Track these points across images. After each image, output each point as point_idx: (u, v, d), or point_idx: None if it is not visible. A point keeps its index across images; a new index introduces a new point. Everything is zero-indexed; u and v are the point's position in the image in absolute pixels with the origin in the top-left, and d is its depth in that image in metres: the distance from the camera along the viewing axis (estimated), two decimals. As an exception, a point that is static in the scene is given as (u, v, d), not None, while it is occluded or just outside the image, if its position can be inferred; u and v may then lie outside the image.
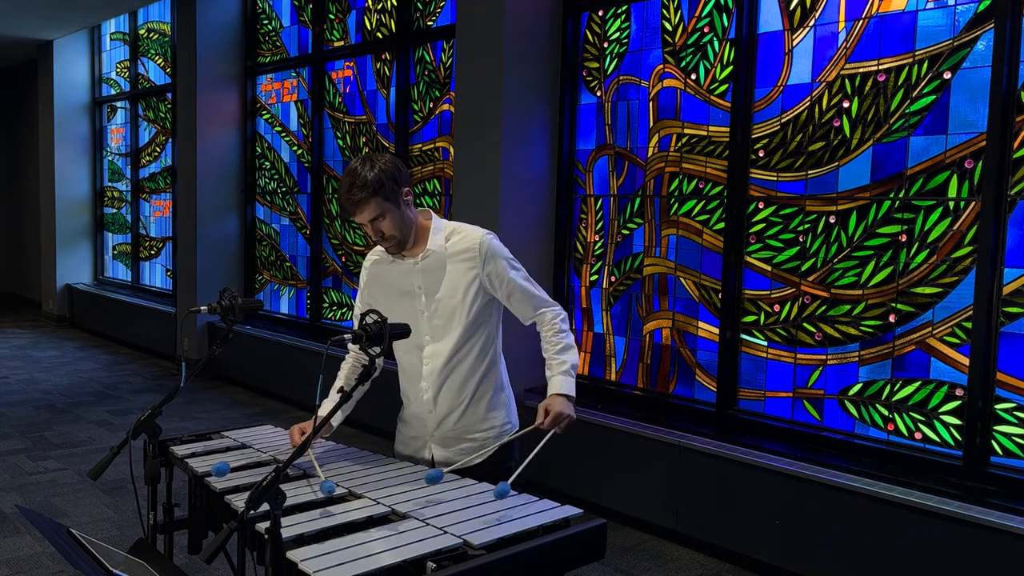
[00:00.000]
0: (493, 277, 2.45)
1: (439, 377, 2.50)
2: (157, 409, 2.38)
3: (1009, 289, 3.35)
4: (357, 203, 2.32)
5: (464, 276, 2.44)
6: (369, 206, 2.32)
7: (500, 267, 2.45)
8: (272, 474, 1.75)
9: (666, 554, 4.04)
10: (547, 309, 2.53)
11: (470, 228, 2.49)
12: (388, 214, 2.35)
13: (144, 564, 1.84)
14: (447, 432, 2.53)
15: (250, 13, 7.71)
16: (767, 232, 4.10)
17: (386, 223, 2.36)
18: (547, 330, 2.53)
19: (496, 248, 2.46)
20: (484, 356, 2.51)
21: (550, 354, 2.51)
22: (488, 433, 2.53)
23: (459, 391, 2.50)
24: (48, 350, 8.98)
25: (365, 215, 2.34)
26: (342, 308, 6.87)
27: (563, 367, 2.47)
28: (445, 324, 2.47)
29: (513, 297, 2.49)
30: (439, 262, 2.45)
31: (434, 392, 2.51)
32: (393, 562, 1.78)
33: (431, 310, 2.47)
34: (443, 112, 5.80)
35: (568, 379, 2.46)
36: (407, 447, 2.64)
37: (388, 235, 2.39)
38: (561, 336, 2.51)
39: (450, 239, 2.47)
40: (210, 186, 7.69)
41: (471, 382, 2.51)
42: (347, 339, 2.04)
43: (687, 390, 4.49)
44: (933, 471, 3.49)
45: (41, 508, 4.47)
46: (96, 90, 10.55)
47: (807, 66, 3.94)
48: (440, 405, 2.52)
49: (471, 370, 2.50)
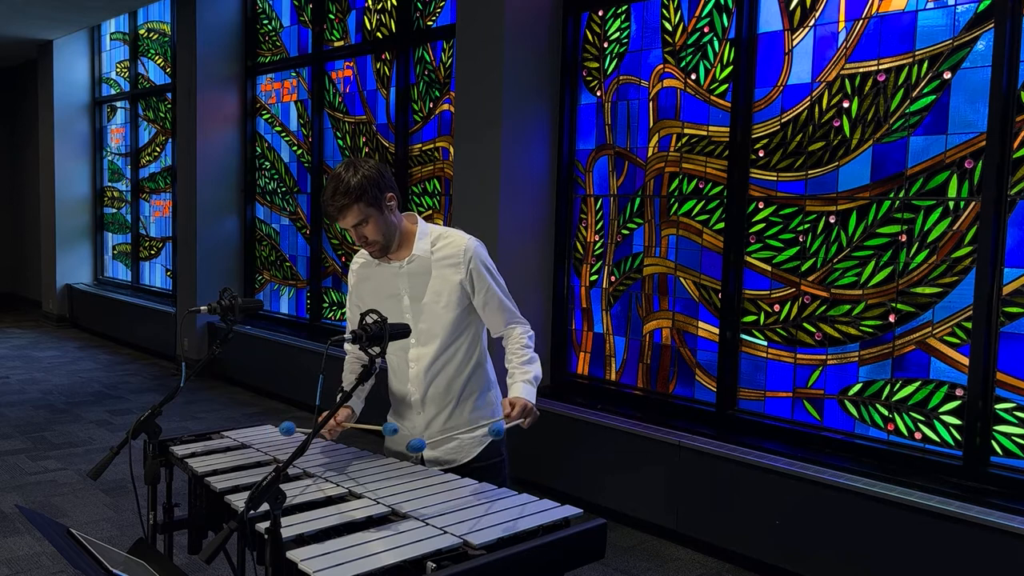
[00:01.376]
0: (475, 283, 2.48)
1: (425, 379, 2.52)
2: (157, 409, 2.38)
3: (1009, 289, 3.35)
4: (340, 209, 2.36)
5: (448, 281, 2.47)
6: (351, 211, 2.36)
7: (481, 275, 2.48)
8: (272, 474, 1.75)
9: (666, 554, 4.04)
10: (517, 324, 2.55)
11: (456, 234, 2.52)
12: (371, 219, 2.38)
13: (144, 564, 1.84)
14: (435, 432, 2.55)
15: (250, 13, 7.71)
16: (767, 232, 4.10)
17: (369, 228, 2.40)
18: (513, 343, 2.54)
19: (480, 256, 2.49)
20: (470, 357, 2.54)
21: (513, 364, 2.50)
22: (476, 433, 2.55)
23: (445, 392, 2.53)
24: (48, 350, 8.99)
25: (348, 220, 2.38)
26: (342, 308, 6.87)
27: (526, 375, 2.46)
28: (430, 328, 2.49)
29: (488, 307, 2.51)
30: (424, 267, 2.48)
31: (421, 394, 2.54)
32: (393, 562, 1.78)
33: (416, 314, 2.50)
34: (443, 112, 5.80)
35: (530, 388, 2.44)
36: (396, 444, 2.65)
37: (371, 240, 2.42)
38: (526, 351, 2.51)
39: (436, 244, 2.49)
40: (210, 186, 7.69)
41: (457, 383, 2.53)
42: (347, 339, 2.04)
43: (687, 390, 4.49)
44: (933, 471, 3.49)
45: (41, 508, 4.47)
46: (96, 90, 10.55)
47: (807, 66, 3.94)
48: (428, 406, 2.55)
49: (457, 371, 2.53)
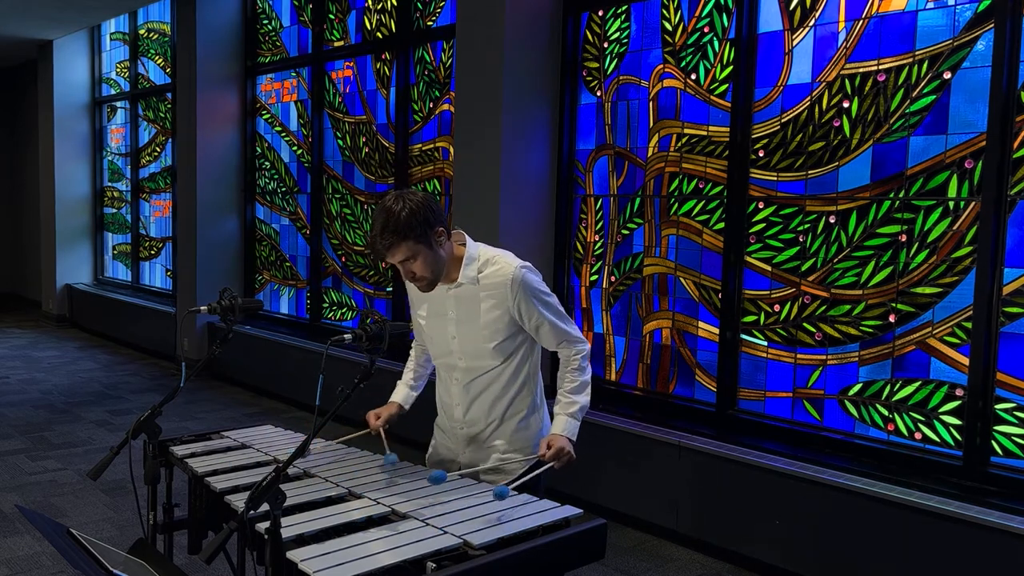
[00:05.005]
0: (522, 311, 2.42)
1: (469, 396, 2.52)
2: (157, 409, 2.38)
3: (1009, 289, 3.35)
4: (388, 246, 2.28)
5: (495, 309, 2.42)
6: (400, 249, 2.28)
7: (529, 302, 2.41)
8: (272, 474, 1.75)
9: (666, 554, 4.04)
10: (569, 344, 2.51)
11: (505, 259, 2.44)
12: (419, 256, 2.30)
13: (144, 564, 1.84)
14: (477, 449, 2.55)
15: (250, 13, 7.71)
16: (767, 232, 4.10)
17: (417, 264, 2.32)
18: (565, 364, 2.53)
19: (528, 282, 2.41)
20: (516, 378, 2.50)
21: (563, 390, 2.50)
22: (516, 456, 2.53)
23: (489, 410, 2.51)
24: (48, 350, 8.98)
25: (396, 257, 2.30)
26: (342, 308, 6.87)
27: (571, 408, 2.46)
28: (475, 350, 2.46)
29: (541, 330, 2.47)
30: (471, 292, 2.43)
31: (464, 409, 2.53)
32: (393, 562, 1.78)
33: (462, 337, 2.47)
34: (443, 112, 5.80)
35: (573, 423, 2.45)
36: (438, 453, 2.68)
37: (419, 275, 2.35)
38: (577, 374, 2.50)
39: (483, 270, 2.42)
40: (210, 186, 7.69)
41: (501, 402, 2.51)
42: (347, 339, 2.04)
43: (687, 390, 4.49)
44: (933, 471, 3.49)
45: (41, 508, 4.47)
46: (96, 90, 10.55)
47: (807, 66, 3.94)
48: (470, 423, 2.54)
49: (502, 391, 2.50)
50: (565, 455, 2.38)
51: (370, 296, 6.56)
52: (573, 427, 2.45)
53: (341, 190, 6.78)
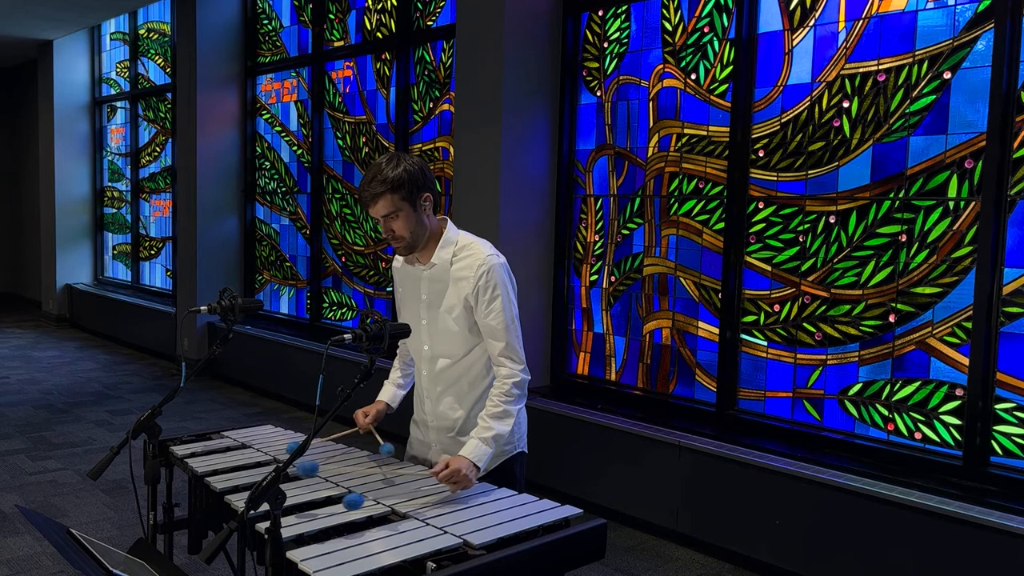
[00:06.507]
0: (480, 297, 2.38)
1: (437, 386, 2.51)
2: (157, 409, 2.38)
3: (1009, 289, 3.35)
4: (374, 196, 2.32)
5: (460, 294, 2.41)
6: (384, 200, 2.31)
7: (491, 292, 2.38)
8: (272, 474, 1.75)
9: (666, 554, 4.04)
10: (510, 361, 2.40)
11: (480, 248, 2.43)
12: (401, 213, 2.33)
13: (144, 564, 1.84)
14: (447, 441, 2.53)
15: (250, 13, 7.71)
16: (767, 232, 4.10)
17: (398, 222, 2.35)
18: (498, 385, 2.40)
19: (494, 274, 2.38)
20: (486, 373, 2.48)
21: (485, 412, 2.37)
22: None
23: (457, 404, 2.50)
24: (48, 350, 8.98)
25: (379, 209, 2.33)
26: (342, 308, 6.87)
27: (486, 433, 2.32)
28: (442, 336, 2.46)
29: (489, 324, 2.39)
30: (442, 275, 2.44)
31: (433, 401, 2.53)
32: (393, 562, 1.78)
33: (431, 320, 2.48)
34: (443, 112, 5.80)
35: (483, 448, 2.29)
36: (414, 449, 2.68)
37: (398, 235, 2.37)
38: (504, 400, 2.37)
39: (458, 254, 2.42)
40: (210, 186, 7.69)
41: (469, 397, 2.49)
42: (347, 339, 2.04)
43: (687, 390, 4.49)
44: (933, 471, 3.49)
45: (41, 508, 4.47)
46: (96, 90, 10.55)
47: (807, 66, 3.94)
48: (440, 416, 2.53)
49: (470, 386, 2.49)
50: (460, 477, 2.20)
51: (370, 296, 6.56)
52: (481, 452, 2.28)
53: (341, 190, 6.78)
